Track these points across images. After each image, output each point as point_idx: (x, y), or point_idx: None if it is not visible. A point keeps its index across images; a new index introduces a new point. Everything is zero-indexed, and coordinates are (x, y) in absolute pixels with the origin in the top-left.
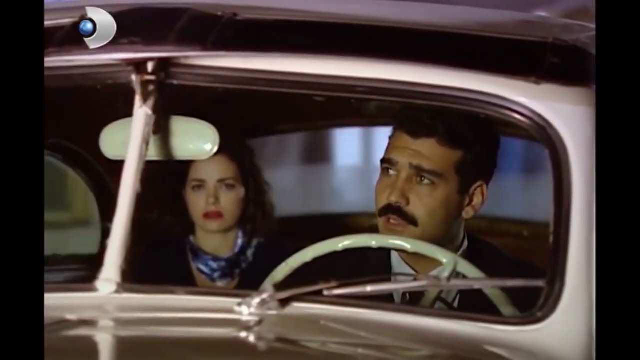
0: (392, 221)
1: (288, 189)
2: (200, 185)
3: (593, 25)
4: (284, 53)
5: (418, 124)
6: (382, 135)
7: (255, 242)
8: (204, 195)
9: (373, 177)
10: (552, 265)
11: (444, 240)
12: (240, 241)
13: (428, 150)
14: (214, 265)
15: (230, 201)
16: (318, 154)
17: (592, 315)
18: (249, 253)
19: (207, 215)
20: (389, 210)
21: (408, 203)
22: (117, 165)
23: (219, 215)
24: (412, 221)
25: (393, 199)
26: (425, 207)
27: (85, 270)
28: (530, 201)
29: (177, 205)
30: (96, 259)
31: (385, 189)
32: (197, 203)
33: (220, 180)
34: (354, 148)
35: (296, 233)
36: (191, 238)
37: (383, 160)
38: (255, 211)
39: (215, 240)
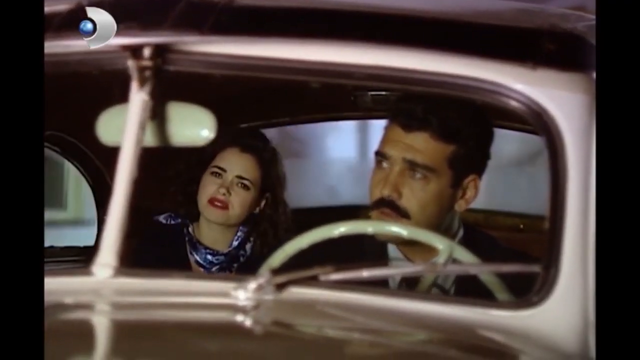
0: (384, 213)
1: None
2: (220, 173)
3: (590, 15)
4: (281, 39)
5: (411, 117)
6: (378, 127)
7: (253, 236)
8: (218, 183)
9: (368, 170)
10: (548, 250)
11: (436, 231)
12: (239, 237)
13: (421, 145)
14: (212, 258)
15: (240, 199)
16: (314, 146)
17: (587, 300)
18: (247, 247)
19: (212, 202)
20: (382, 203)
21: (401, 197)
22: (114, 156)
23: (224, 205)
24: (404, 214)
25: (386, 192)
26: (417, 201)
27: (82, 262)
28: (527, 194)
29: (191, 188)
30: (92, 251)
31: (379, 183)
32: (209, 187)
33: (239, 177)
34: (350, 140)
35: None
36: (191, 229)
37: (377, 153)
38: (268, 228)
39: (215, 233)
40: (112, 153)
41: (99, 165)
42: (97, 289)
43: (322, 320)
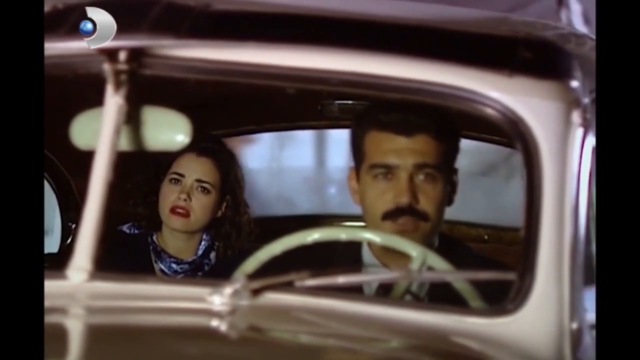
0: (401, 222)
1: (255, 190)
2: (178, 179)
3: (555, 24)
4: (257, 44)
5: (408, 122)
6: (336, 137)
7: (218, 244)
8: (177, 189)
9: (325, 180)
10: (523, 257)
11: (439, 229)
12: (203, 245)
13: (426, 147)
14: (176, 267)
15: (200, 204)
16: (280, 155)
17: (563, 308)
18: (212, 256)
19: (173, 210)
20: (400, 212)
21: (418, 202)
22: (81, 162)
23: (185, 213)
24: (424, 218)
25: (404, 200)
26: (433, 202)
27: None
28: (487, 205)
29: (151, 199)
30: (57, 258)
31: (384, 193)
32: (169, 195)
33: (198, 181)
34: (306, 150)
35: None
36: (155, 238)
37: (375, 165)
38: (230, 230)
39: (179, 242)
40: (78, 159)
41: (64, 171)
42: (72, 293)
43: (298, 326)
